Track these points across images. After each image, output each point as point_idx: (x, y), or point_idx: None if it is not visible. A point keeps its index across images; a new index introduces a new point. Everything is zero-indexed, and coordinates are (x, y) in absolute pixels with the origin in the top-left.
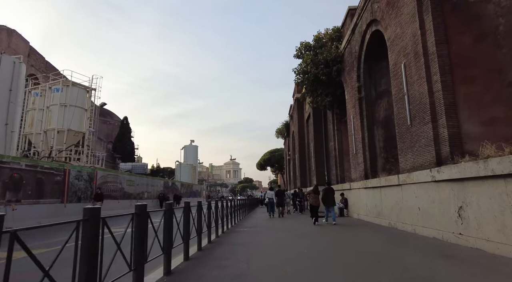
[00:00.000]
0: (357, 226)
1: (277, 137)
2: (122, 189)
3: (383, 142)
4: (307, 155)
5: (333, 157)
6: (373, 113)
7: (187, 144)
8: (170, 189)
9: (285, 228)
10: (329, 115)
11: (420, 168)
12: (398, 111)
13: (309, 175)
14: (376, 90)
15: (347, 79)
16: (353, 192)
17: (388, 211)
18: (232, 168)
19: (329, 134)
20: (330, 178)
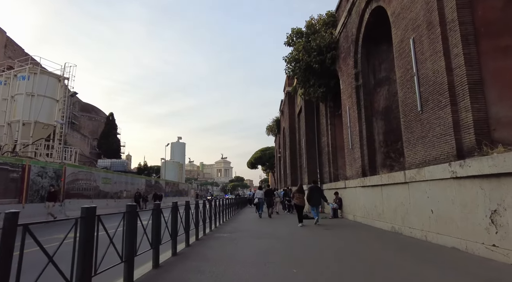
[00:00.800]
0: (355, 230)
1: (268, 134)
2: (97, 187)
3: (383, 135)
4: (298, 152)
5: (326, 153)
6: (372, 103)
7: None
8: (153, 187)
9: (271, 233)
10: (322, 108)
11: (433, 162)
12: (404, 96)
13: (300, 173)
14: (375, 78)
15: (342, 67)
16: (348, 190)
17: (391, 213)
18: (223, 167)
19: (321, 129)
20: (323, 176)
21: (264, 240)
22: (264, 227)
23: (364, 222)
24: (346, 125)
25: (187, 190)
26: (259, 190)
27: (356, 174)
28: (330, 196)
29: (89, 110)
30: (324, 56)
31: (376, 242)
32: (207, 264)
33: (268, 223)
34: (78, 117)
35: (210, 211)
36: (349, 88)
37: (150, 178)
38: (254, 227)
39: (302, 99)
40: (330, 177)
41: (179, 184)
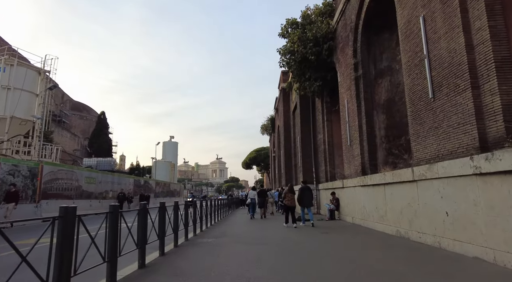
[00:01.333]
0: (355, 234)
1: (262, 134)
2: (79, 187)
3: (384, 130)
4: (293, 150)
5: (322, 151)
6: (373, 95)
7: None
8: (142, 188)
9: (262, 238)
10: (318, 104)
11: (449, 156)
12: (412, 84)
13: (295, 172)
14: (376, 68)
15: (340, 58)
16: (346, 190)
17: (396, 215)
18: (218, 167)
19: (317, 126)
20: (319, 175)
21: (253, 247)
22: (254, 230)
23: (364, 225)
24: (344, 121)
25: (179, 191)
26: (252, 190)
27: (355, 172)
28: (327, 197)
29: (81, 109)
30: (320, 47)
31: (384, 250)
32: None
33: (260, 225)
34: (68, 116)
35: (194, 213)
36: (348, 80)
37: (139, 178)
38: (244, 231)
39: (297, 95)
40: (326, 176)
41: (171, 184)
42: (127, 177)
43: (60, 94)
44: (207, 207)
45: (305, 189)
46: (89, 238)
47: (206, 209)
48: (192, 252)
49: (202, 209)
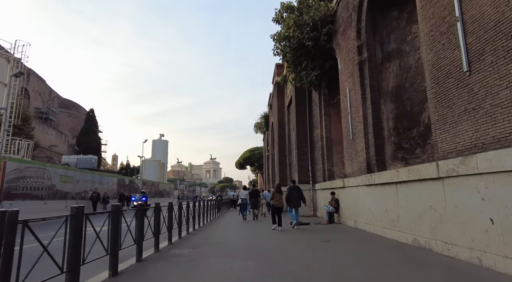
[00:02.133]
0: (362, 242)
1: (256, 132)
2: (53, 186)
3: (393, 121)
4: (288, 148)
5: (319, 148)
6: (379, 81)
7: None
8: (127, 187)
9: (249, 247)
10: (315, 97)
11: (495, 145)
12: (436, 58)
13: (290, 172)
14: (383, 51)
15: (341, 42)
16: (348, 191)
17: (412, 220)
18: (212, 168)
19: (314, 120)
20: (315, 174)
21: (236, 263)
22: (241, 236)
23: (370, 230)
24: (346, 112)
25: (169, 191)
26: (244, 190)
27: (358, 170)
28: (324, 197)
29: (69, 107)
30: (319, 32)
31: (411, 268)
32: None
33: (249, 230)
34: (56, 113)
35: (169, 218)
36: (350, 65)
37: (123, 177)
38: (229, 237)
39: (292, 88)
40: (324, 175)
41: (159, 184)
42: (109, 176)
43: (47, 91)
44: (188, 210)
45: (293, 189)
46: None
47: (188, 212)
48: (155, 270)
49: (182, 212)
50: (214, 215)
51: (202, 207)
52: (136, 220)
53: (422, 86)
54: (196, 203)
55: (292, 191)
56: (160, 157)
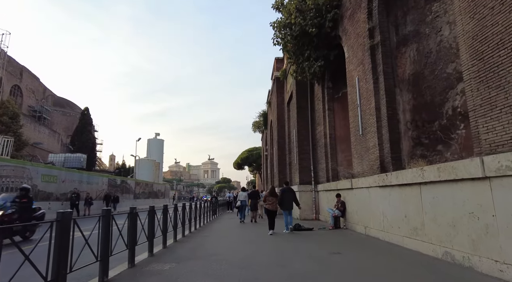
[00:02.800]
0: (381, 255)
1: (254, 131)
2: (34, 186)
3: (410, 113)
4: (288, 146)
5: (322, 146)
6: (394, 68)
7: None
8: (119, 188)
9: (244, 265)
10: (318, 91)
11: None
12: (481, 25)
13: (290, 172)
14: (398, 34)
15: (348, 27)
16: (356, 192)
17: (443, 229)
18: (210, 168)
19: (316, 117)
20: (317, 174)
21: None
22: (237, 246)
23: (384, 238)
24: (354, 105)
25: (165, 192)
26: (242, 191)
27: (369, 169)
28: (328, 199)
29: (64, 105)
30: (323, 17)
31: None
32: None
33: (246, 236)
34: (50, 112)
35: (151, 225)
36: (360, 52)
37: (114, 177)
38: (224, 246)
39: (293, 82)
40: (327, 175)
41: (154, 185)
42: (99, 176)
43: (41, 89)
44: (176, 214)
45: (285, 191)
46: None
47: (176, 217)
48: None
49: (169, 217)
50: (210, 218)
51: (194, 210)
52: (100, 230)
53: (444, 72)
54: (186, 206)
55: (285, 193)
56: (155, 156)
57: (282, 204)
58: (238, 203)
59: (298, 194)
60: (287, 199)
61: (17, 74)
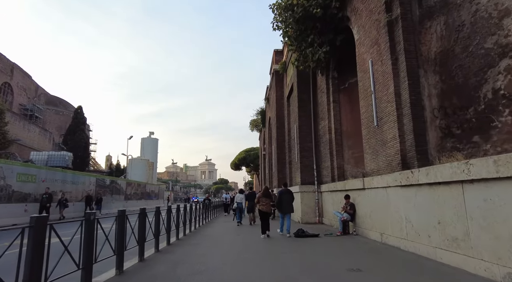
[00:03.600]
0: (413, 272)
1: (252, 130)
2: (7, 186)
3: (438, 99)
4: (288, 144)
5: (326, 143)
6: (417, 46)
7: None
8: (108, 188)
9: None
10: (321, 82)
11: None
12: None
13: (290, 171)
14: (422, 6)
15: (358, 5)
16: (370, 193)
17: (502, 242)
18: (208, 169)
19: (320, 110)
20: (321, 174)
21: None
22: (230, 257)
23: (407, 248)
24: (367, 92)
25: (159, 192)
26: (240, 193)
27: (387, 166)
28: (333, 201)
29: (57, 104)
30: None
31: None
32: None
33: (242, 244)
34: (42, 110)
35: (119, 236)
36: (374, 31)
37: (103, 177)
38: (214, 258)
39: (294, 73)
40: (332, 174)
41: (147, 185)
42: (86, 175)
43: (33, 87)
44: (159, 220)
45: (284, 192)
46: None
47: (158, 223)
48: None
49: (148, 223)
50: (202, 222)
51: (184, 214)
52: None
53: (481, 48)
54: (181, 208)
55: (283, 195)
56: (149, 156)
57: (281, 206)
58: (234, 205)
59: (299, 195)
60: (286, 202)
61: (7, 71)
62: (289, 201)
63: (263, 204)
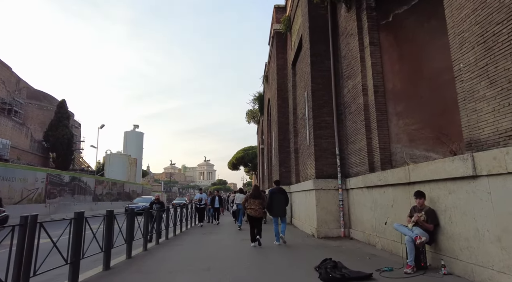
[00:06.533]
0: None
1: (249, 122)
2: None
3: None
4: (293, 126)
5: (358, 111)
6: None
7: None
8: (67, 187)
9: None
10: (348, 22)
11: None
12: None
13: (296, 162)
14: None
15: None
16: (497, 186)
17: None
18: (206, 170)
19: (346, 65)
20: (348, 161)
21: None
22: None
23: None
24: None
25: (142, 193)
26: (240, 193)
27: None
28: (376, 203)
29: (40, 98)
30: None
31: None
32: None
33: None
34: (23, 105)
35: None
36: None
37: (59, 172)
38: None
39: (303, 20)
40: (370, 160)
41: (126, 185)
42: (30, 170)
43: (14, 80)
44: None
45: (276, 192)
46: None
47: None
48: None
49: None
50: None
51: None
52: None
53: None
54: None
55: (274, 194)
56: (133, 151)
57: (272, 208)
58: (234, 207)
59: (313, 194)
60: (278, 203)
61: None
62: (282, 202)
63: (252, 207)
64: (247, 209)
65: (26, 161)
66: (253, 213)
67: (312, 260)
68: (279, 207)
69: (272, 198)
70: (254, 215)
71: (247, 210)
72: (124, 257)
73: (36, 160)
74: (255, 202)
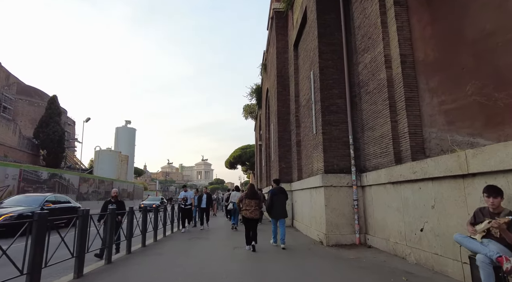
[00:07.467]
0: None
1: (246, 118)
2: None
3: None
4: (295, 116)
5: (377, 90)
6: None
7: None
8: (45, 184)
9: None
10: None
11: None
12: None
13: (299, 156)
14: None
15: None
16: None
17: None
18: (204, 169)
19: (361, 36)
20: (364, 152)
21: None
22: None
23: None
24: None
25: (133, 192)
26: (236, 191)
27: None
28: (404, 203)
29: (31, 94)
30: None
31: None
32: None
33: None
34: (13, 101)
35: None
36: None
37: (37, 168)
38: None
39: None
40: (396, 148)
41: (115, 183)
42: (0, 165)
43: (3, 75)
44: None
45: (277, 193)
46: None
47: None
48: None
49: None
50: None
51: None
52: None
53: None
54: None
55: (275, 195)
56: (124, 148)
57: (272, 210)
58: (230, 206)
59: (321, 192)
60: (279, 204)
61: None
62: (283, 203)
63: (247, 209)
64: (242, 210)
65: (13, 158)
66: (249, 214)
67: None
68: (281, 209)
69: (273, 199)
70: (250, 217)
71: (242, 211)
72: (71, 277)
73: (25, 157)
74: (251, 202)
